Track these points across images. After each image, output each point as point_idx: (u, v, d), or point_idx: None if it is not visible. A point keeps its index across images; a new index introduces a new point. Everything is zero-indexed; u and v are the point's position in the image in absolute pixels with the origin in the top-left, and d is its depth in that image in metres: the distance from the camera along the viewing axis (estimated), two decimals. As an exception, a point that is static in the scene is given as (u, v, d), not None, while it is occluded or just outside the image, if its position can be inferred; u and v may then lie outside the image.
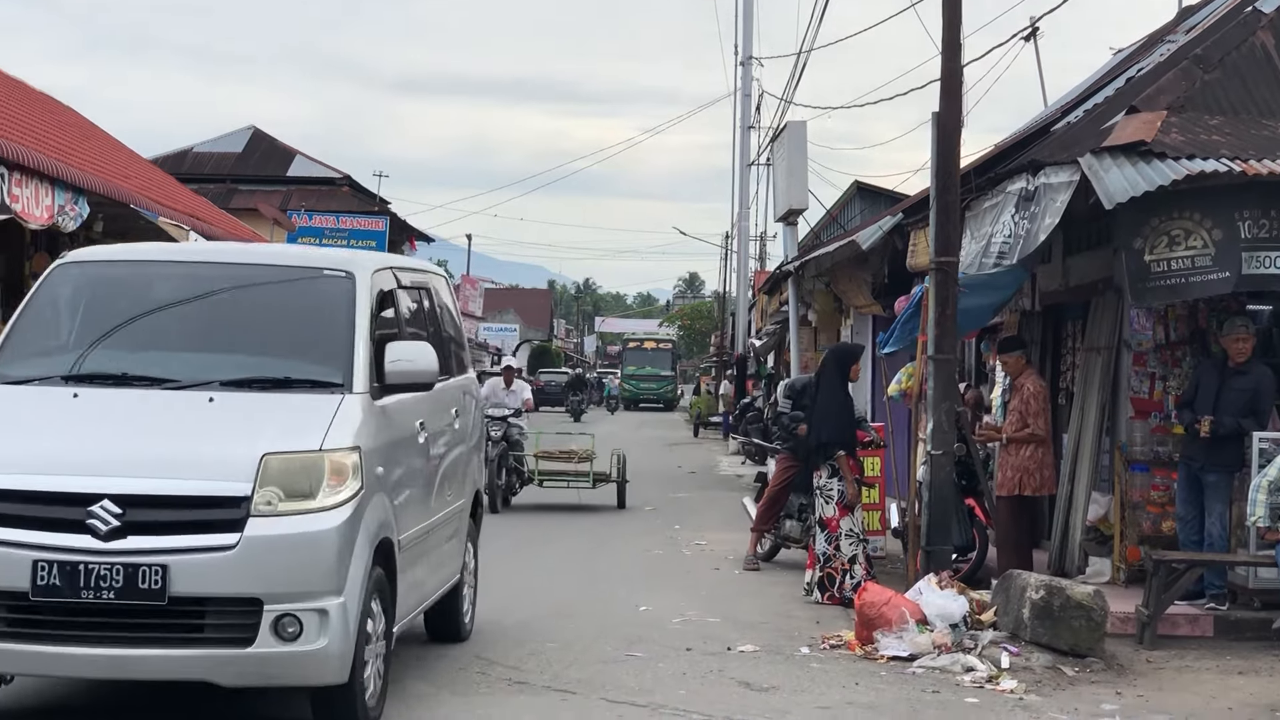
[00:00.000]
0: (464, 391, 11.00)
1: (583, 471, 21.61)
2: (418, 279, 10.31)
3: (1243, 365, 12.02)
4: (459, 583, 10.68)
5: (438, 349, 9.53)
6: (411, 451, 9.09)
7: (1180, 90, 13.33)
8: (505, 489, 21.12)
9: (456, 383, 10.67)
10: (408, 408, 8.99)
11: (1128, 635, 11.52)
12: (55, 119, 28.07)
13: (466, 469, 10.79)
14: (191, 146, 53.50)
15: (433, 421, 9.65)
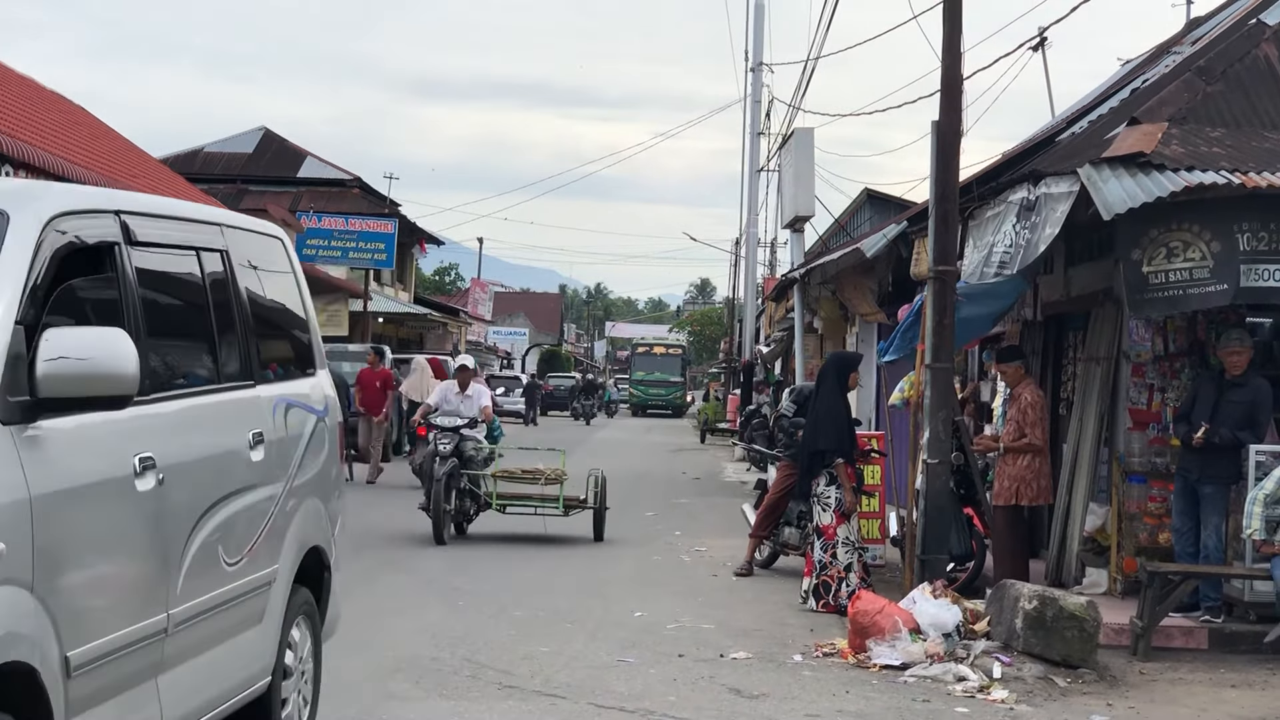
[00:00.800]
0: (285, 405, 7.57)
1: (550, 496, 18.12)
2: (190, 234, 6.87)
3: (1240, 378, 12.00)
4: (269, 688, 7.17)
5: (222, 337, 6.89)
6: (110, 509, 5.66)
7: (1182, 102, 13.33)
8: (457, 514, 18.11)
9: (269, 394, 7.34)
10: (106, 436, 5.69)
11: (1122, 647, 11.50)
12: (65, 118, 28.15)
13: (288, 520, 7.36)
14: (202, 146, 53.67)
15: (179, 452, 6.20)
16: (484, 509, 18.37)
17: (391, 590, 13.59)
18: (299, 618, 7.58)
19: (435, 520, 17.11)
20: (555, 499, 17.99)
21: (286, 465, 7.41)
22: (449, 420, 18.35)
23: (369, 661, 10.21)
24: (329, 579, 8.13)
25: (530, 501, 18.32)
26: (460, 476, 17.88)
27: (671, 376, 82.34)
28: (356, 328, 42.12)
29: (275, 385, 7.50)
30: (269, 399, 7.33)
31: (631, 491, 26.07)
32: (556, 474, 18.01)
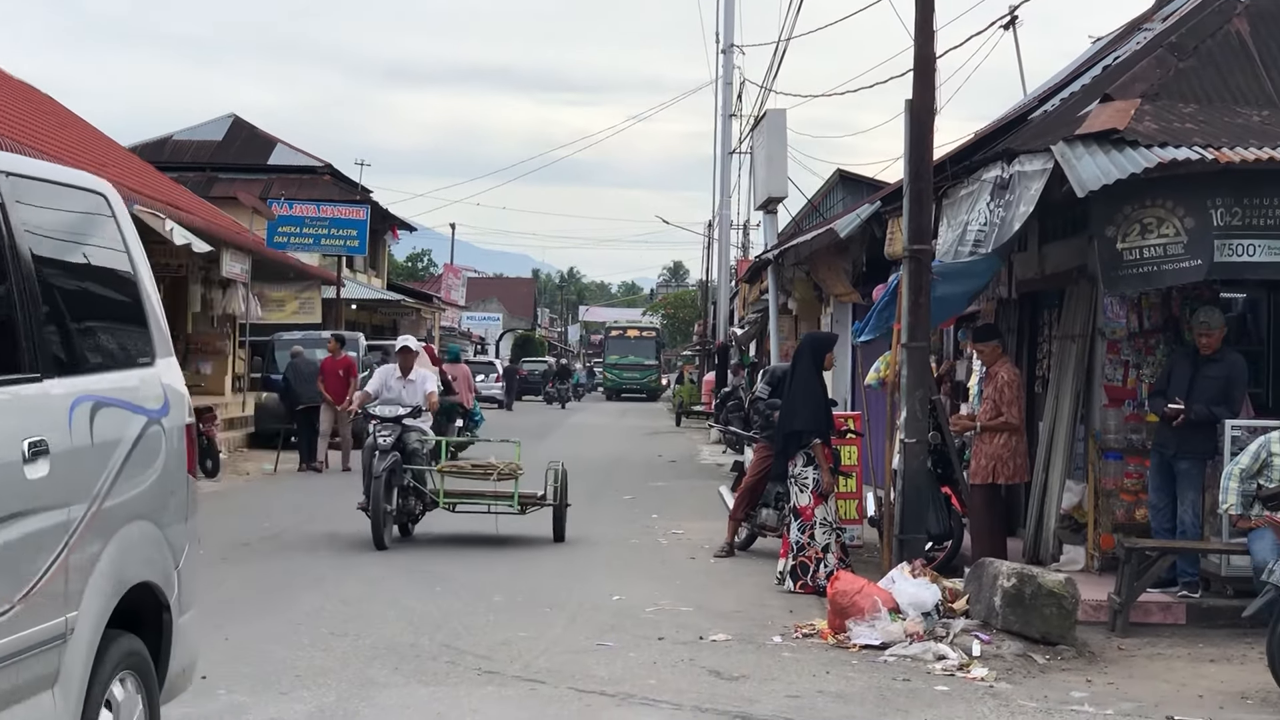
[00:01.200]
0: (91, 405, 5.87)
1: (504, 493, 16.18)
2: None
3: (1215, 353, 12.03)
4: None
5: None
6: None
7: (1154, 78, 13.34)
8: (400, 515, 16.25)
9: (64, 390, 5.68)
10: None
11: (1100, 623, 11.53)
12: (32, 107, 28.01)
13: (95, 553, 5.73)
14: (171, 134, 53.50)
15: None
16: (430, 508, 16.55)
17: (368, 577, 13.55)
18: (123, 673, 5.98)
19: (375, 522, 15.32)
20: (510, 496, 16.06)
21: (91, 483, 5.76)
22: (389, 409, 16.35)
23: (347, 648, 10.19)
24: (171, 621, 6.49)
25: (482, 499, 16.38)
26: (403, 473, 15.98)
27: (646, 360, 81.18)
28: (329, 315, 41.98)
29: (78, 379, 5.83)
30: (63, 397, 5.66)
31: (608, 475, 26.13)
32: (511, 468, 16.10)
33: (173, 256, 29.63)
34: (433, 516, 16.70)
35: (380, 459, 15.69)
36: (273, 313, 38.59)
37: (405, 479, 16.01)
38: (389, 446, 15.81)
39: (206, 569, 13.70)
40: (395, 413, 16.26)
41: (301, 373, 26.72)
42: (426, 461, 16.60)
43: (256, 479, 24.26)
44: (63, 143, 25.54)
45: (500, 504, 16.23)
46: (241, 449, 29.77)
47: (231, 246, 30.67)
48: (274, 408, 29.55)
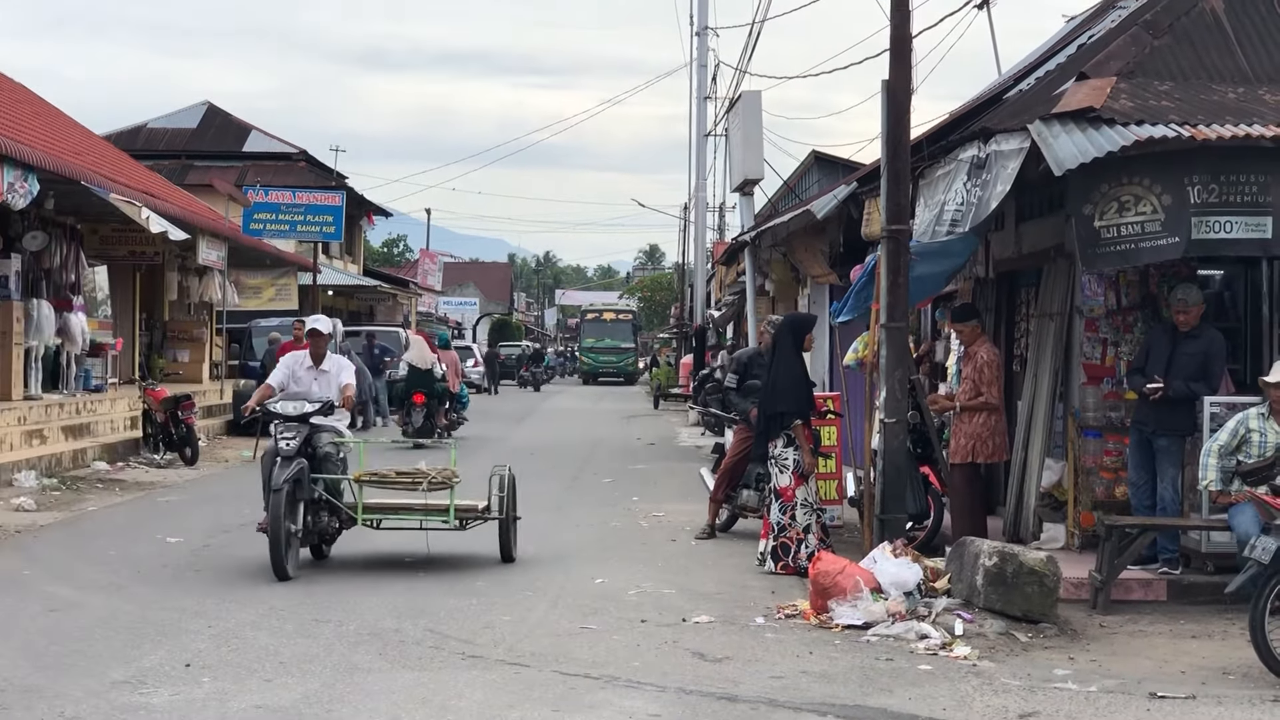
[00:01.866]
0: None
1: (438, 507, 13.31)
2: None
3: (1193, 330, 12.06)
4: None
5: None
6: None
7: (1130, 56, 13.35)
8: (311, 534, 13.30)
9: None
10: None
11: (1081, 600, 11.56)
12: (5, 95, 27.85)
13: None
14: (146, 123, 53.40)
15: None
16: (348, 525, 13.54)
17: (351, 562, 13.54)
18: None
19: (274, 546, 12.40)
20: (444, 510, 13.28)
21: None
22: (293, 406, 13.49)
23: (331, 635, 10.18)
24: None
25: (411, 514, 13.47)
26: (310, 484, 13.10)
27: (622, 343, 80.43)
28: (306, 301, 41.92)
29: None
30: None
31: (587, 458, 26.14)
32: (445, 476, 13.20)
33: (149, 244, 29.56)
34: (358, 533, 13.90)
35: (281, 468, 12.82)
36: (249, 299, 38.56)
37: (315, 491, 13.14)
38: (293, 452, 12.93)
39: (187, 556, 13.74)
40: (300, 409, 13.37)
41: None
42: (341, 469, 13.65)
43: (235, 466, 24.20)
44: (37, 131, 25.41)
45: (433, 518, 13.42)
46: (220, 436, 29.71)
47: (208, 234, 30.58)
48: (251, 395, 29.46)
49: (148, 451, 24.26)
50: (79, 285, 27.16)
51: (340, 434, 13.85)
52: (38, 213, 24.05)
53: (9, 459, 19.81)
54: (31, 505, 17.31)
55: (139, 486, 20.43)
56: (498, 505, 13.54)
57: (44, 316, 23.96)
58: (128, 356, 32.23)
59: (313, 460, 13.24)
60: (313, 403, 13.48)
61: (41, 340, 24.16)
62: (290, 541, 12.69)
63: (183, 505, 18.19)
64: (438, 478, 13.19)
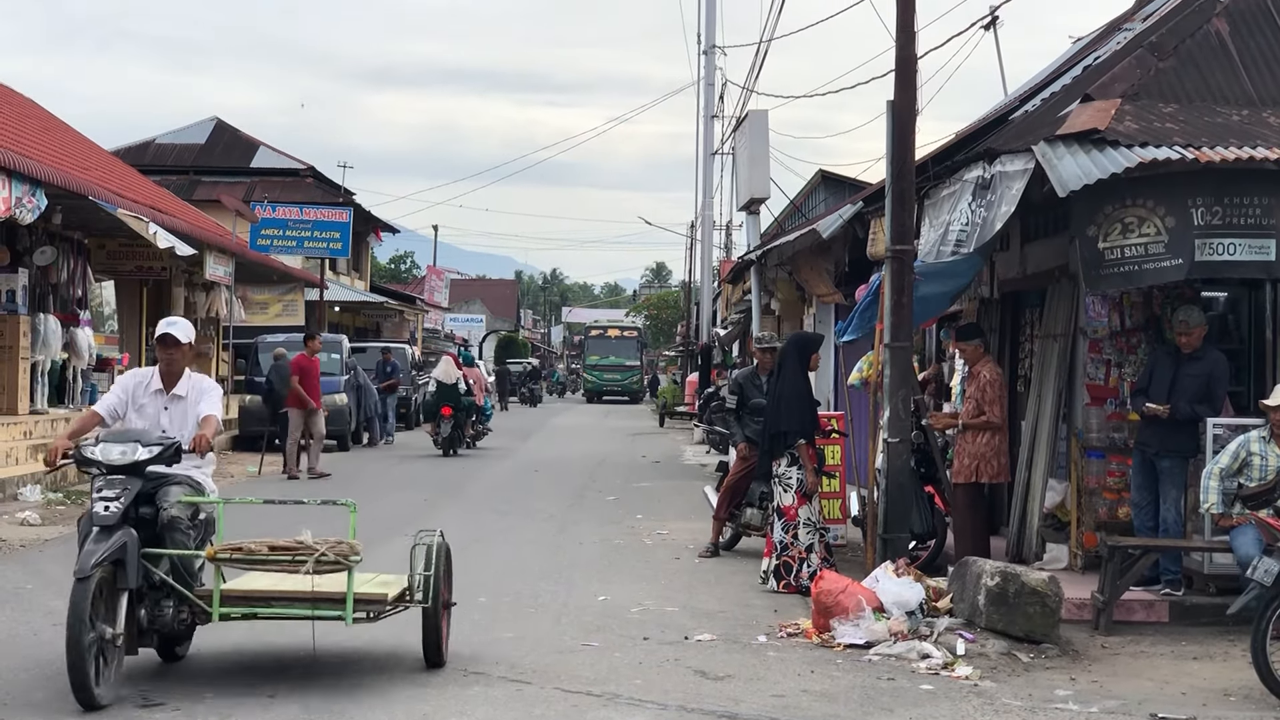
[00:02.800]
0: None
1: (330, 597, 9.27)
2: None
3: (1196, 351, 12.08)
4: None
5: None
6: None
7: (1135, 78, 13.38)
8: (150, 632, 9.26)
9: None
10: None
11: (1084, 621, 11.57)
12: (14, 110, 27.94)
13: None
14: (154, 138, 53.49)
15: None
16: (202, 620, 9.38)
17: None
18: None
19: (73, 666, 8.42)
20: (338, 599, 9.24)
21: None
22: (120, 450, 9.22)
23: (333, 649, 10.17)
24: None
25: (291, 605, 9.36)
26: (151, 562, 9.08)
27: (627, 360, 79.08)
28: (312, 317, 41.96)
29: None
30: None
31: (592, 476, 26.16)
32: (340, 552, 9.14)
33: (156, 259, 29.65)
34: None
35: (95, 542, 8.78)
36: (256, 315, 38.61)
37: (152, 575, 9.11)
38: (114, 519, 8.88)
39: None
40: (129, 455, 9.16)
41: (284, 375, 26.68)
42: (199, 538, 9.45)
43: (240, 481, 24.23)
44: (45, 146, 25.49)
45: (325, 609, 9.32)
46: (226, 452, 29.73)
47: (215, 249, 30.66)
48: (257, 410, 29.55)
49: (153, 467, 24.23)
50: (86, 300, 27.26)
51: (196, 486, 9.67)
52: (45, 227, 24.14)
53: (14, 473, 19.85)
54: (36, 519, 17.34)
55: (144, 501, 20.41)
56: (422, 588, 9.69)
57: (50, 331, 24.03)
58: (134, 371, 32.21)
59: (154, 527, 9.22)
60: (149, 445, 9.26)
61: (48, 355, 24.24)
62: (107, 654, 8.73)
63: (187, 520, 18.17)
64: (329, 554, 9.12)
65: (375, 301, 55.89)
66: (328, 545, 9.16)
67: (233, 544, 9.20)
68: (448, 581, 10.07)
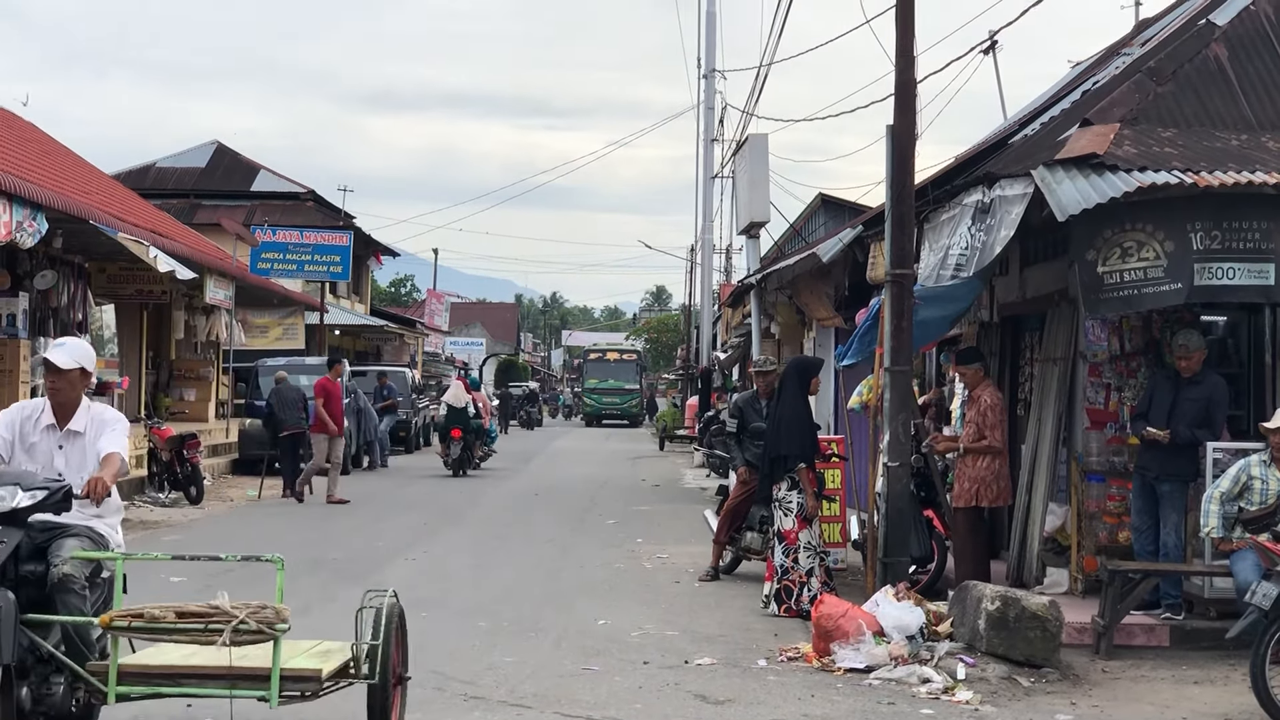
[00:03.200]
0: None
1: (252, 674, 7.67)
2: None
3: (1196, 376, 12.09)
4: None
5: None
6: None
7: (1134, 103, 13.41)
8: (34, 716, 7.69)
9: None
10: None
11: (1084, 645, 11.56)
12: (15, 135, 27.97)
13: None
14: (155, 162, 53.55)
15: None
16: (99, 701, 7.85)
17: (352, 604, 13.50)
18: None
19: None
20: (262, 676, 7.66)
21: None
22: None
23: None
24: None
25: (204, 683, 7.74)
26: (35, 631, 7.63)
27: (626, 384, 78.12)
28: (313, 341, 41.99)
29: None
30: None
31: (592, 499, 26.15)
32: (264, 619, 7.71)
33: (156, 283, 29.64)
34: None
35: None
36: (256, 339, 38.65)
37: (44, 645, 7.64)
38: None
39: (190, 596, 13.73)
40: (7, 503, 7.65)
41: (285, 399, 26.66)
42: (91, 602, 7.98)
43: (240, 506, 24.24)
44: (46, 170, 25.51)
45: (247, 688, 7.68)
46: (225, 475, 29.75)
47: (215, 273, 30.68)
48: (257, 434, 29.56)
49: (153, 490, 24.29)
50: (86, 324, 27.23)
51: (100, 540, 8.31)
52: (46, 251, 24.14)
53: (15, 497, 19.79)
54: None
55: (144, 525, 20.45)
56: (369, 659, 8.04)
57: (51, 355, 24.00)
58: (134, 395, 32.26)
59: (43, 587, 7.77)
60: (31, 489, 7.75)
61: (48, 378, 24.20)
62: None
63: (187, 545, 18.19)
64: (250, 621, 7.61)
65: (375, 325, 55.90)
66: (248, 611, 7.64)
67: (133, 609, 7.55)
68: (400, 651, 8.43)
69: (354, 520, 21.58)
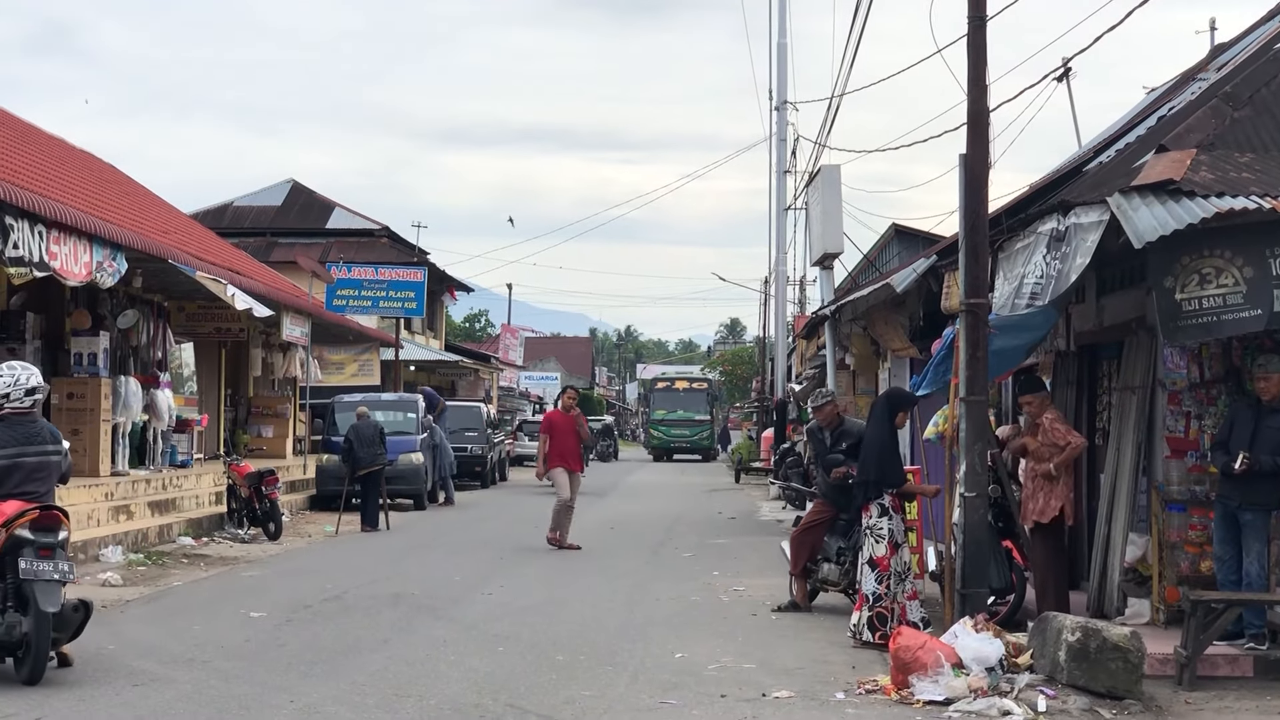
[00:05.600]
0: None
1: None
2: None
3: (1277, 403, 11.95)
4: None
5: None
6: None
7: (1210, 128, 13.30)
8: None
9: None
10: None
11: (1167, 677, 11.42)
12: (94, 176, 28.36)
13: None
14: (232, 201, 54.17)
15: None
16: None
17: (433, 638, 13.58)
18: None
19: None
20: None
21: None
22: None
23: (412, 709, 10.20)
24: None
25: None
26: None
27: (696, 415, 73.90)
28: (388, 377, 42.24)
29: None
30: None
31: (668, 532, 26.14)
32: None
33: (234, 321, 29.98)
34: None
35: None
36: (332, 375, 38.94)
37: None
38: None
39: (270, 631, 13.84)
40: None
41: (363, 435, 26.82)
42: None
43: (318, 541, 24.37)
44: (125, 210, 25.84)
45: None
46: (303, 511, 29.94)
47: (291, 310, 30.94)
48: (335, 470, 29.78)
49: (232, 526, 24.48)
50: (165, 362, 27.55)
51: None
52: (126, 290, 24.45)
53: (96, 534, 20.04)
54: (118, 580, 17.49)
55: (223, 561, 20.61)
56: None
57: (131, 393, 24.30)
58: (213, 432, 32.58)
59: None
60: None
61: (129, 416, 24.50)
62: None
63: (266, 580, 18.32)
64: None
65: (450, 360, 56.18)
66: None
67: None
68: None
69: (432, 555, 21.66)
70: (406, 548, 22.78)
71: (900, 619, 13.17)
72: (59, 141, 29.82)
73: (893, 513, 13.68)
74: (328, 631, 13.66)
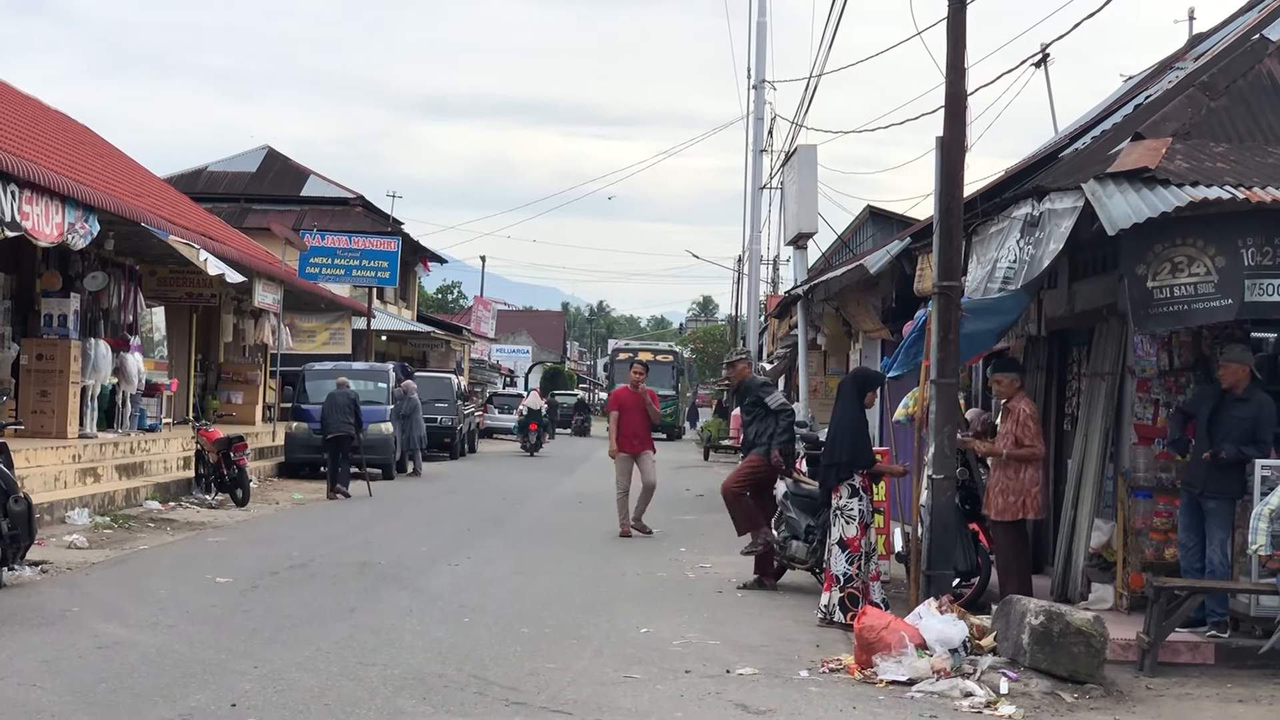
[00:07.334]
0: None
1: None
2: None
3: (1244, 393, 12.01)
4: None
5: None
6: None
7: (1186, 117, 13.34)
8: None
9: None
10: None
11: (1129, 662, 11.49)
12: (69, 137, 28.20)
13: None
14: (206, 166, 53.94)
15: None
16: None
17: (398, 607, 13.57)
18: None
19: None
20: None
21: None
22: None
23: (376, 678, 10.20)
24: None
25: None
26: None
27: (661, 389, 64.66)
28: (359, 346, 42.15)
29: None
30: None
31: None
32: None
33: (206, 286, 29.90)
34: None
35: None
36: (303, 343, 38.86)
37: None
38: None
39: (235, 596, 13.82)
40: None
41: (336, 403, 26.90)
42: None
43: (286, 508, 24.34)
44: (98, 173, 25.71)
45: None
46: (271, 478, 29.89)
47: (264, 277, 30.87)
48: (303, 437, 29.75)
49: (199, 492, 24.44)
50: (136, 325, 27.44)
51: None
52: (97, 253, 24.34)
53: (63, 496, 19.98)
54: (83, 543, 17.45)
55: (190, 526, 20.57)
56: None
57: (101, 356, 24.22)
58: (182, 397, 32.51)
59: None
60: None
61: (98, 379, 24.42)
62: None
63: (232, 546, 18.30)
64: None
65: (422, 331, 56.10)
66: None
67: None
68: None
69: (399, 525, 21.66)
70: (374, 517, 22.77)
71: (864, 599, 13.22)
72: (34, 101, 29.66)
73: (862, 493, 13.70)
74: (293, 599, 13.65)
